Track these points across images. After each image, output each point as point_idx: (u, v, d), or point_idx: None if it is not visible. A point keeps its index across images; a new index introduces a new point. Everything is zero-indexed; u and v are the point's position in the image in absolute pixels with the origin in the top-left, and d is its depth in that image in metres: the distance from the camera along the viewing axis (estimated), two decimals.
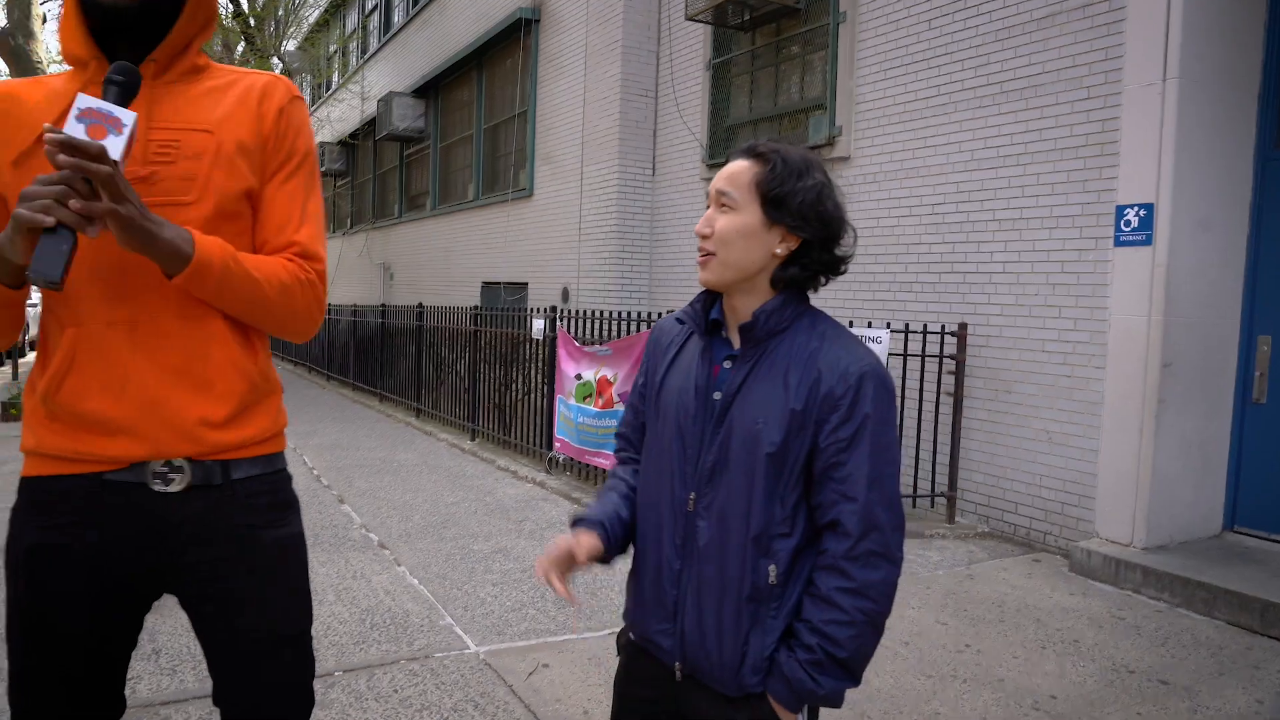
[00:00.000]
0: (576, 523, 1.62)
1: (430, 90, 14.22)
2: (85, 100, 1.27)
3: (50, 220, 1.22)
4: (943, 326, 5.67)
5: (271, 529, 1.54)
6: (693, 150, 8.40)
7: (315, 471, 6.97)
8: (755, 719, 1.48)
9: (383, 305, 12.07)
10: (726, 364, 1.54)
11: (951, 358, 5.61)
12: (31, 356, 16.77)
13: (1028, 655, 3.72)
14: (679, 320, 1.67)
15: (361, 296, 16.82)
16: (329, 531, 5.25)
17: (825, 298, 6.61)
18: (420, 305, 10.36)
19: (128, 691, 1.63)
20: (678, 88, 8.65)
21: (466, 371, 8.83)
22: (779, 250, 1.50)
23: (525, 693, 3.23)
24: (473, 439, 8.56)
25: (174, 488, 1.45)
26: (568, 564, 1.54)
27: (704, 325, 1.59)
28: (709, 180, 8.11)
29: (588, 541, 1.56)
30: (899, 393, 5.74)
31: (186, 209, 1.43)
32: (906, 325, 5.71)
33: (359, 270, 18.10)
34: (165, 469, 1.44)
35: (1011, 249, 5.44)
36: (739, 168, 1.52)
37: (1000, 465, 5.51)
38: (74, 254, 1.26)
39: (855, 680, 1.45)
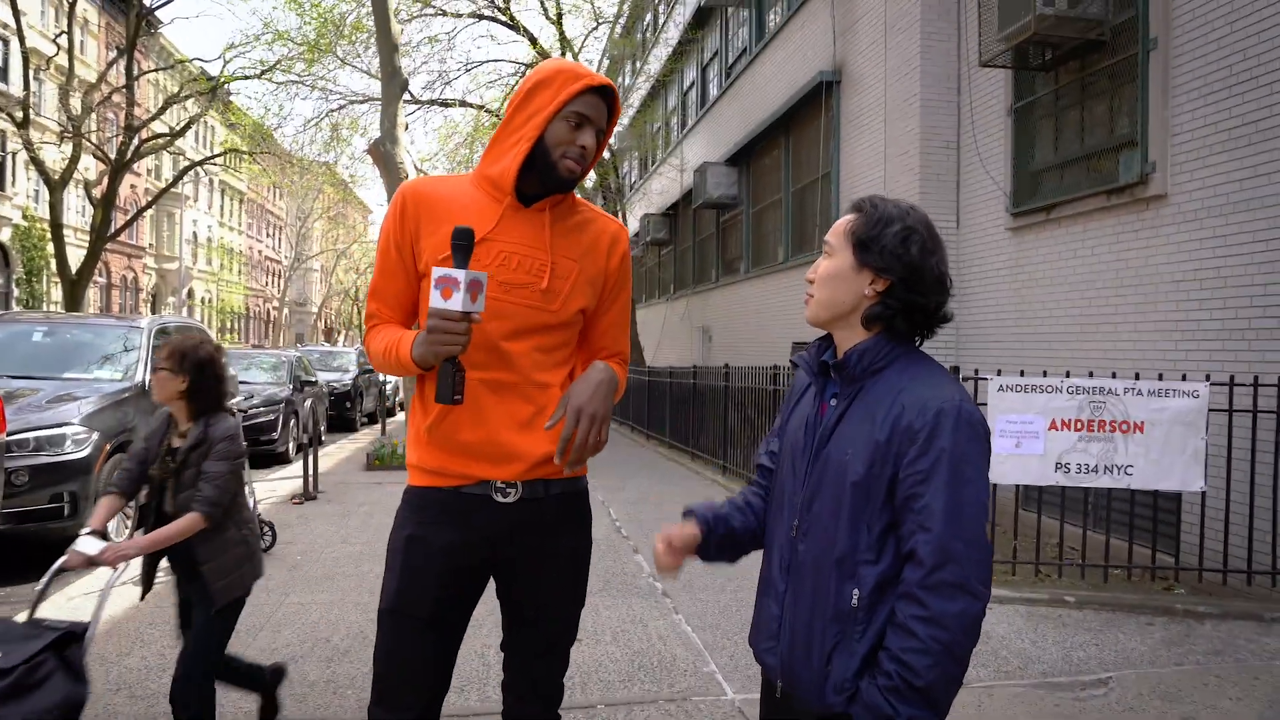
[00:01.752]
0: (686, 514, 1.83)
1: (742, 158, 14.79)
2: (437, 272, 1.78)
3: (454, 353, 1.81)
4: (1279, 378, 4.95)
5: (571, 536, 2.08)
6: (996, 200, 8.05)
7: (618, 523, 7.42)
8: None
9: (694, 366, 12.59)
10: (832, 401, 1.67)
11: None
12: (400, 417, 19.28)
13: None
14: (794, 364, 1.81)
15: (682, 359, 17.61)
16: (619, 579, 5.58)
17: (1142, 349, 6.04)
18: (726, 365, 10.70)
19: None
20: (979, 136, 8.35)
21: (767, 429, 8.98)
22: (868, 292, 1.60)
23: None
24: None
25: (509, 499, 1.97)
26: (670, 545, 1.76)
27: (815, 367, 1.72)
28: (1014, 230, 7.76)
29: (688, 529, 1.78)
30: (1223, 453, 5.07)
31: (551, 314, 1.97)
32: (1231, 377, 5.04)
33: (680, 333, 18.99)
34: (504, 485, 1.96)
35: None
36: (843, 220, 1.67)
37: None
38: (462, 377, 1.83)
39: (938, 713, 1.46)
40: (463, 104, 17.29)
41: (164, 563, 2.90)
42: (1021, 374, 5.19)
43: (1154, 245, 6.12)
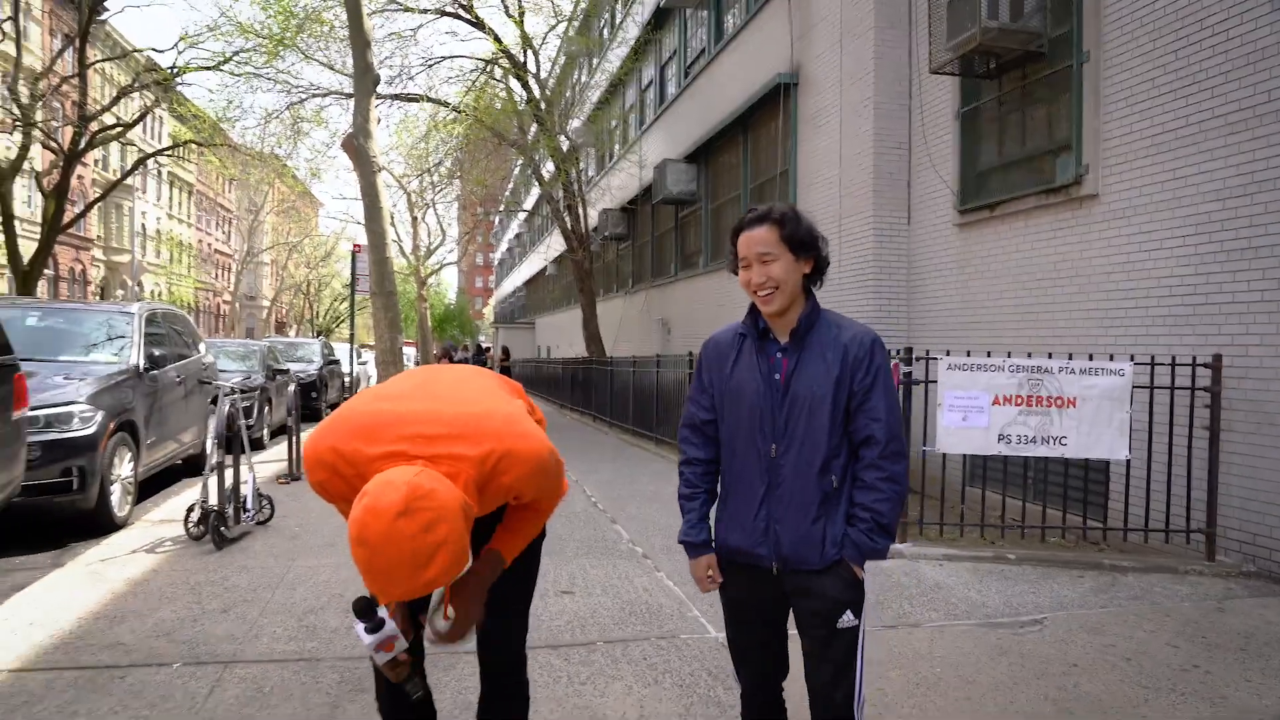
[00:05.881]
0: (690, 546, 2.39)
1: (700, 155, 15.27)
2: (370, 640, 1.96)
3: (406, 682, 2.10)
4: (1194, 359, 5.56)
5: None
6: (944, 198, 8.62)
7: (593, 499, 7.86)
8: (836, 579, 2.20)
9: (657, 356, 13.02)
10: (779, 355, 2.27)
11: (1206, 390, 5.48)
12: None
13: (1264, 681, 3.70)
14: (740, 334, 2.33)
15: (641, 351, 18.04)
16: (601, 545, 6.02)
17: (1075, 333, 6.62)
18: (690, 354, 11.16)
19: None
20: (929, 139, 8.92)
21: None
22: (806, 270, 2.27)
23: None
24: None
25: None
26: (713, 575, 2.37)
27: (758, 333, 2.30)
28: (961, 226, 8.33)
29: (711, 558, 2.37)
30: (1145, 425, 5.68)
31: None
32: (1152, 358, 5.65)
33: (639, 326, 19.45)
34: None
35: (1271, 277, 5.27)
36: (764, 233, 2.21)
37: (1266, 501, 5.29)
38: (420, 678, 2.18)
39: (894, 537, 2.26)
40: (427, 99, 17.53)
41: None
42: (968, 354, 5.73)
43: (1087, 240, 6.72)
